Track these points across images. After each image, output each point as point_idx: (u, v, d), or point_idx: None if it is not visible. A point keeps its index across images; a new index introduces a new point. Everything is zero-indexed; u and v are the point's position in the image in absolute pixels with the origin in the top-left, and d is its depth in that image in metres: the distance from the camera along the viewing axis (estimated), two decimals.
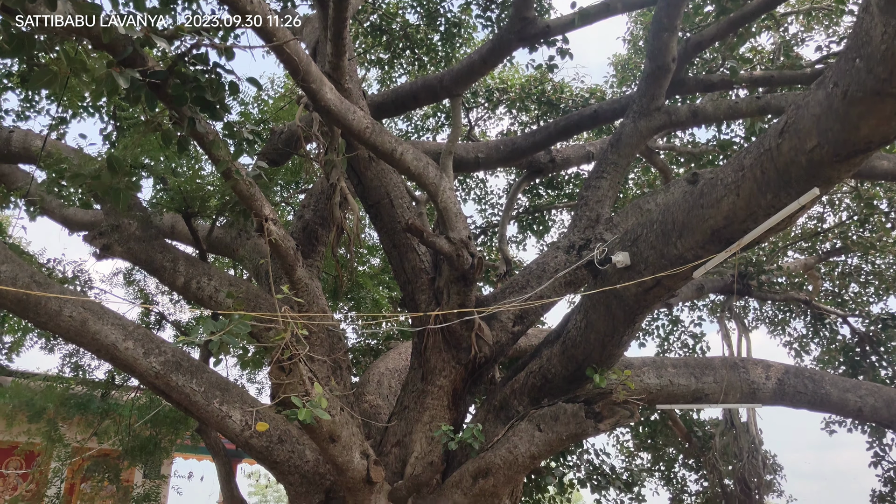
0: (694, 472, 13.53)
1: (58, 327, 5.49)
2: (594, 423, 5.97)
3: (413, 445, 7.20)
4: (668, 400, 7.50)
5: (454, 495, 6.41)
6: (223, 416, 6.09)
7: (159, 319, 9.60)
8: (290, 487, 6.74)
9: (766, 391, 7.55)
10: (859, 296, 13.02)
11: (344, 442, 5.62)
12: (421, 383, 7.41)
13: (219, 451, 7.96)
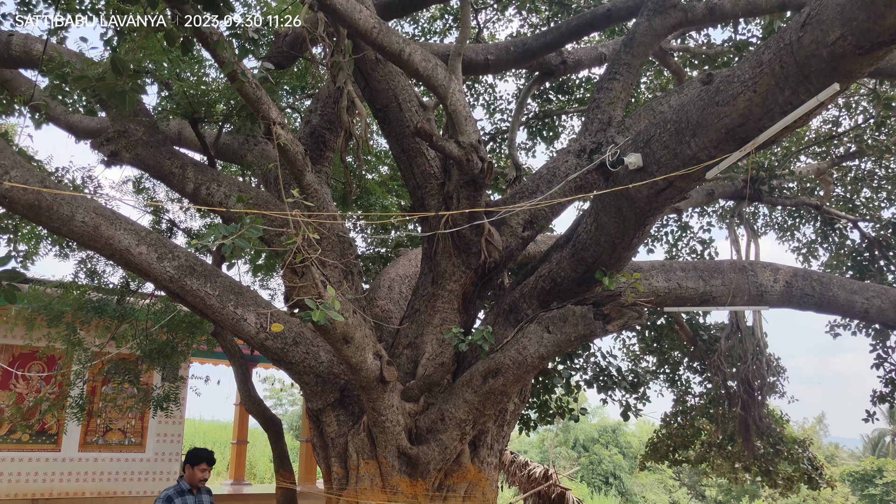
0: (698, 374, 13.81)
1: (71, 232, 5.53)
2: (602, 324, 6.05)
3: (424, 347, 7.35)
4: (676, 303, 7.58)
5: (465, 394, 6.59)
6: (238, 318, 6.21)
7: (170, 227, 9.66)
8: (305, 387, 6.94)
9: (774, 294, 7.61)
10: (871, 201, 12.92)
11: (357, 343, 5.74)
12: (431, 287, 7.50)
13: (235, 354, 8.17)
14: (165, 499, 5.04)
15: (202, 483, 5.23)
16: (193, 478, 5.14)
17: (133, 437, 13.01)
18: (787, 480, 13.67)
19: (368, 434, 6.68)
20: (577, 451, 43.77)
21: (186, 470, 5.17)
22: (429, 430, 6.75)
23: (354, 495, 6.62)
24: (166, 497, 5.05)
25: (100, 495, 12.49)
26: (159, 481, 13.17)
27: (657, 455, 14.77)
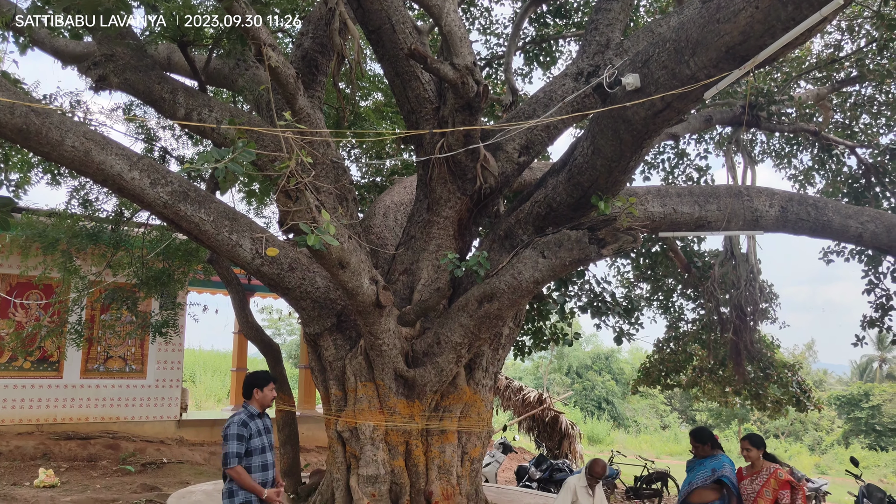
0: (691, 301, 13.95)
1: (61, 157, 5.46)
2: (597, 248, 6.07)
3: (420, 273, 7.39)
4: (671, 227, 7.59)
5: (460, 318, 6.65)
6: (233, 244, 6.20)
7: (163, 154, 9.55)
8: (302, 312, 7.00)
9: (769, 218, 7.62)
10: (869, 127, 12.80)
11: (353, 268, 5.75)
12: (427, 214, 7.48)
13: (231, 281, 8.19)
14: (241, 423, 4.94)
15: (271, 404, 5.22)
16: (266, 399, 5.07)
17: (133, 365, 13.20)
18: (776, 403, 13.96)
19: (366, 357, 6.77)
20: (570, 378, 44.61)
21: (255, 395, 5.07)
22: (425, 354, 6.85)
23: (353, 416, 6.76)
24: (241, 422, 4.95)
25: (102, 420, 12.76)
26: (161, 407, 13.45)
27: (649, 380, 15.04)
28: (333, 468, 7.03)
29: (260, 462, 4.99)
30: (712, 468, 5.95)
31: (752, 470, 5.80)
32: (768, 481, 5.61)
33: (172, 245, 9.44)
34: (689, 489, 6.04)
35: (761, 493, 5.60)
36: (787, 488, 5.53)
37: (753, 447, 5.79)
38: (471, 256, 6.38)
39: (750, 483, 5.75)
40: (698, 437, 6.22)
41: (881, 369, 50.23)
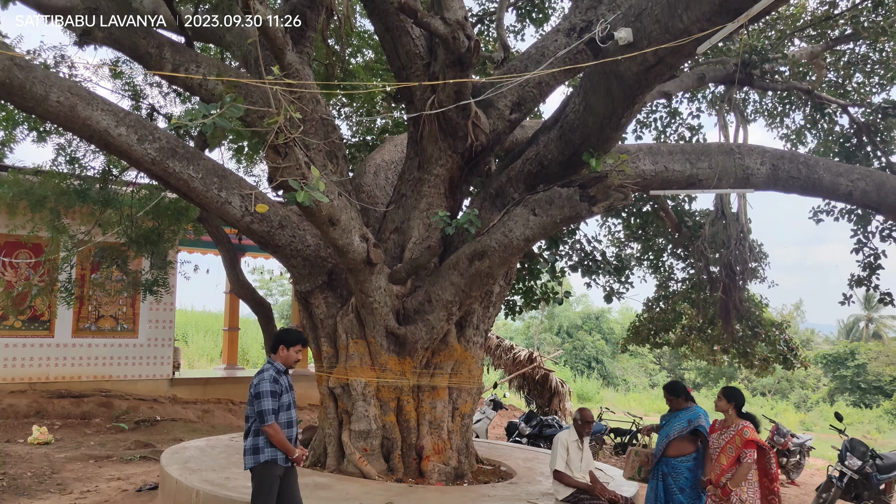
0: (681, 260, 14.01)
1: (46, 112, 5.39)
2: (588, 205, 6.06)
3: (411, 232, 7.38)
4: (663, 185, 7.59)
5: (451, 276, 6.67)
6: (223, 202, 6.17)
7: (150, 112, 9.43)
8: (292, 270, 7.00)
9: (760, 176, 7.62)
10: (862, 86, 12.74)
11: (343, 225, 5.74)
12: (417, 172, 7.45)
13: (222, 239, 8.16)
14: (272, 379, 4.91)
15: (296, 364, 5.20)
16: (290, 359, 5.02)
17: (125, 324, 13.22)
18: (763, 361, 14.11)
19: (357, 315, 6.80)
20: (561, 337, 44.99)
21: (281, 351, 5.03)
22: (416, 311, 6.88)
23: (344, 373, 6.80)
24: (272, 378, 4.92)
25: (95, 379, 12.82)
26: (153, 366, 13.51)
27: (639, 338, 15.16)
28: (325, 424, 7.10)
29: (286, 419, 4.97)
30: (688, 419, 5.96)
31: (724, 424, 5.64)
32: (733, 438, 5.41)
33: (162, 204, 9.38)
34: (667, 441, 6.03)
35: (724, 448, 5.44)
36: (751, 447, 5.30)
37: (724, 398, 5.60)
38: (462, 215, 6.38)
39: (718, 437, 5.60)
40: (672, 391, 6.22)
41: (867, 329, 50.86)
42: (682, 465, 5.92)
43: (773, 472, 5.43)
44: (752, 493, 5.33)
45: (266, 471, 4.82)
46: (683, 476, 5.89)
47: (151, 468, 8.90)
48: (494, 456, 8.24)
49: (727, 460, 5.40)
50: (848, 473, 8.75)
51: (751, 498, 5.31)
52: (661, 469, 6.00)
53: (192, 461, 6.84)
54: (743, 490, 5.31)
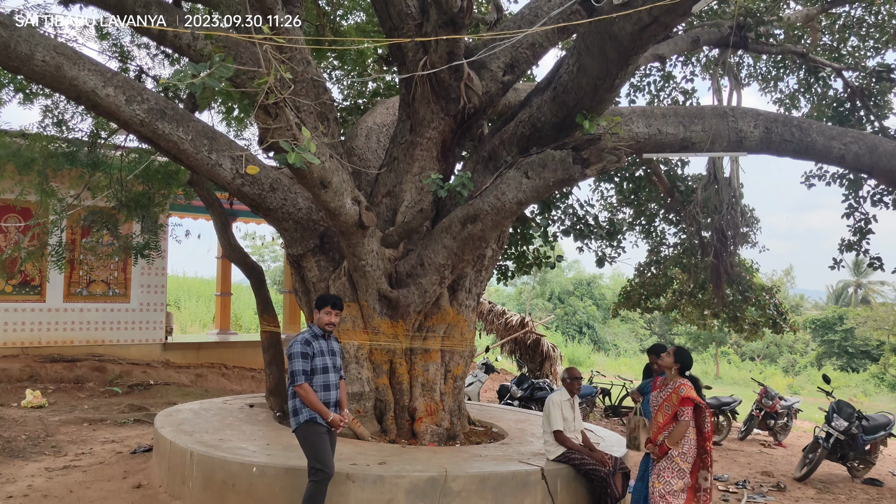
0: (673, 225, 14.04)
1: (32, 72, 5.30)
2: (581, 168, 6.04)
3: (403, 195, 7.35)
4: (656, 149, 7.56)
5: (444, 239, 6.66)
6: (213, 164, 6.11)
7: (139, 74, 9.29)
8: (284, 233, 6.97)
9: (753, 139, 7.60)
10: (857, 50, 12.66)
11: (335, 188, 5.70)
12: (409, 135, 7.39)
13: (213, 203, 8.10)
14: (304, 342, 4.97)
15: (329, 327, 5.18)
16: (321, 321, 5.10)
17: (117, 289, 13.18)
18: (753, 326, 14.22)
19: (349, 278, 6.80)
20: (552, 303, 45.24)
21: (314, 315, 5.15)
22: (408, 275, 6.88)
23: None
24: (304, 340, 4.98)
25: (88, 344, 12.82)
26: (145, 330, 13.52)
27: (630, 303, 15.24)
28: None
29: (322, 382, 5.02)
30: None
31: (664, 382, 5.53)
32: (670, 396, 5.31)
33: (151, 167, 9.30)
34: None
35: (661, 406, 5.36)
36: (688, 405, 5.22)
37: (672, 356, 5.44)
38: (454, 178, 6.35)
39: (657, 394, 5.50)
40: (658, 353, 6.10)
41: (856, 294, 51.30)
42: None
43: (707, 431, 5.33)
44: (686, 449, 5.26)
45: (308, 429, 4.94)
46: None
47: (145, 431, 8.96)
48: (486, 418, 8.32)
49: (664, 418, 5.34)
50: (834, 434, 8.89)
51: (683, 454, 5.25)
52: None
53: (185, 423, 6.88)
54: (678, 447, 5.26)
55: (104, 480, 6.46)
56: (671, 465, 5.25)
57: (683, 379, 5.39)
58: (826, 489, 8.44)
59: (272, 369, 8.12)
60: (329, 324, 5.17)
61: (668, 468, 5.25)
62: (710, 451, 5.35)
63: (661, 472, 5.28)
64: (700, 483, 5.35)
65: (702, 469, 5.36)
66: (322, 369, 5.04)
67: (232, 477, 5.47)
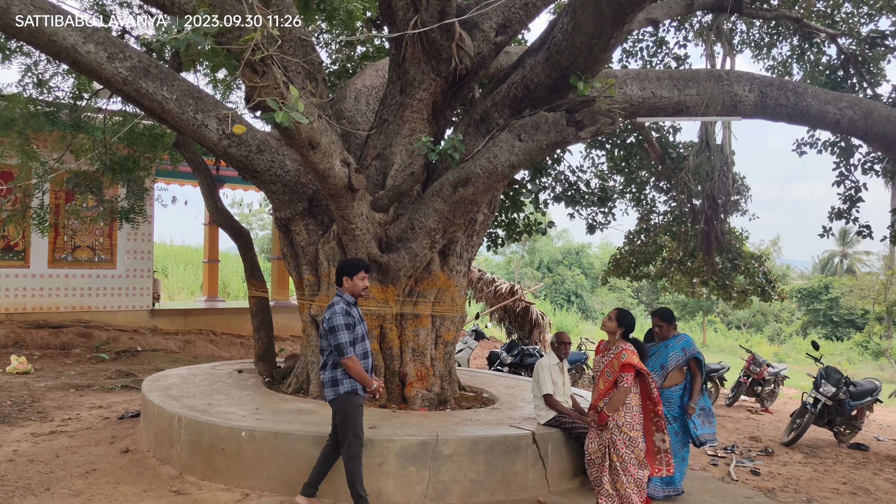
0: (664, 193, 13.99)
1: (7, 27, 5.11)
2: (575, 130, 5.94)
3: (393, 158, 7.23)
4: (650, 112, 7.46)
5: (434, 203, 6.56)
6: (199, 124, 5.96)
7: (122, 33, 9.04)
8: (272, 196, 6.85)
9: (748, 103, 7.51)
10: (851, 16, 12.55)
11: (324, 149, 5.57)
12: (400, 96, 7.25)
13: (199, 166, 7.94)
14: (344, 312, 4.73)
15: (365, 293, 5.05)
16: (356, 288, 4.90)
17: (102, 254, 13.01)
18: (741, 293, 14.27)
19: (338, 242, 6.70)
20: (541, 272, 45.35)
21: (346, 283, 4.93)
22: (399, 239, 6.79)
23: (326, 300, 6.74)
24: (344, 311, 4.78)
25: (74, 310, 12.69)
26: (132, 297, 13.38)
27: (619, 271, 15.23)
28: (308, 351, 7.07)
29: (361, 350, 4.94)
30: (682, 348, 5.92)
31: (606, 346, 5.33)
32: (611, 362, 5.13)
33: (136, 129, 9.11)
34: (665, 372, 5.90)
35: (603, 372, 5.19)
36: (628, 371, 5.03)
37: (615, 320, 5.23)
38: (445, 140, 6.23)
39: (599, 359, 5.32)
40: (664, 317, 6.08)
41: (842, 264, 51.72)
42: (675, 394, 5.91)
43: (655, 396, 5.23)
44: (629, 417, 5.09)
45: (348, 400, 4.88)
46: (677, 405, 5.89)
47: (133, 397, 8.91)
48: (477, 383, 8.30)
49: (604, 384, 5.17)
50: (822, 400, 8.94)
51: (629, 423, 5.08)
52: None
53: (173, 388, 6.82)
54: (620, 415, 5.08)
55: (91, 445, 6.40)
56: (620, 436, 5.08)
57: (626, 343, 5.22)
58: (813, 454, 8.52)
59: (261, 334, 8.05)
60: (365, 289, 5.06)
61: (620, 440, 5.08)
62: (661, 414, 5.29)
63: (614, 445, 5.08)
64: (658, 445, 5.31)
65: (657, 432, 5.31)
66: (361, 337, 4.98)
67: (220, 441, 5.42)
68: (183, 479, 5.46)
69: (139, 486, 5.30)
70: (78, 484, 5.29)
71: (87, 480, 5.38)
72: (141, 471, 5.67)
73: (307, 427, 5.46)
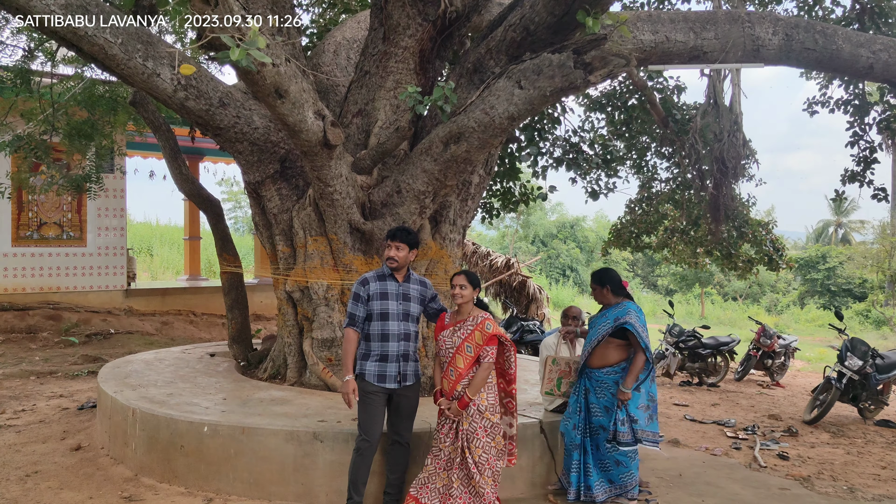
0: (666, 160, 13.26)
1: None
2: (584, 73, 5.15)
3: (376, 114, 6.44)
4: (663, 59, 6.67)
5: (423, 163, 5.78)
6: (150, 73, 5.15)
7: None
8: (239, 157, 6.05)
9: (772, 48, 6.73)
10: None
11: (294, 98, 4.78)
12: (383, 44, 6.44)
13: (160, 126, 7.08)
14: (360, 281, 4.29)
15: (391, 263, 4.32)
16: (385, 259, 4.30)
17: (71, 231, 12.16)
18: (747, 263, 13.59)
19: (315, 208, 5.91)
20: (536, 246, 44.69)
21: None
22: (384, 204, 6.01)
23: (303, 275, 5.98)
24: (362, 280, 4.30)
25: (42, 291, 11.85)
26: (105, 276, 12.54)
27: (620, 241, 14.57)
28: (284, 332, 6.32)
29: (379, 330, 4.27)
30: (614, 317, 4.84)
31: (457, 318, 4.36)
32: (472, 334, 4.24)
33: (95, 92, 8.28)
34: (590, 347, 4.91)
35: (461, 347, 4.25)
36: (493, 343, 4.25)
37: (469, 285, 4.34)
38: (435, 89, 5.41)
39: (451, 335, 4.33)
40: (599, 279, 5.00)
41: (836, 233, 51.26)
42: (608, 377, 4.86)
43: (511, 372, 4.44)
44: (492, 398, 4.33)
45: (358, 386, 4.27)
46: (609, 392, 4.84)
47: None
48: None
49: (465, 362, 4.24)
50: (847, 374, 8.27)
51: (492, 405, 4.30)
52: (584, 383, 4.98)
53: (133, 376, 6.07)
54: (482, 397, 4.27)
55: (38, 442, 5.67)
56: (482, 422, 4.25)
57: (482, 311, 4.41)
58: (840, 432, 7.85)
59: (234, 314, 7.29)
60: (389, 259, 4.35)
61: (481, 427, 4.24)
62: (513, 395, 4.53)
63: (473, 435, 4.23)
64: (504, 430, 4.48)
65: (504, 415, 4.52)
66: (379, 315, 4.28)
67: (179, 437, 4.69)
68: (138, 482, 4.74)
69: (85, 492, 4.57)
70: (13, 490, 4.56)
71: (24, 486, 4.65)
72: (90, 472, 4.95)
73: (280, 420, 4.73)
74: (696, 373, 11.68)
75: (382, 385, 4.26)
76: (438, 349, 4.43)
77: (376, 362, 4.28)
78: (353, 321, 4.29)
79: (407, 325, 4.36)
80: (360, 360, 4.30)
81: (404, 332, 4.34)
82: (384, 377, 4.27)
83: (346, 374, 4.21)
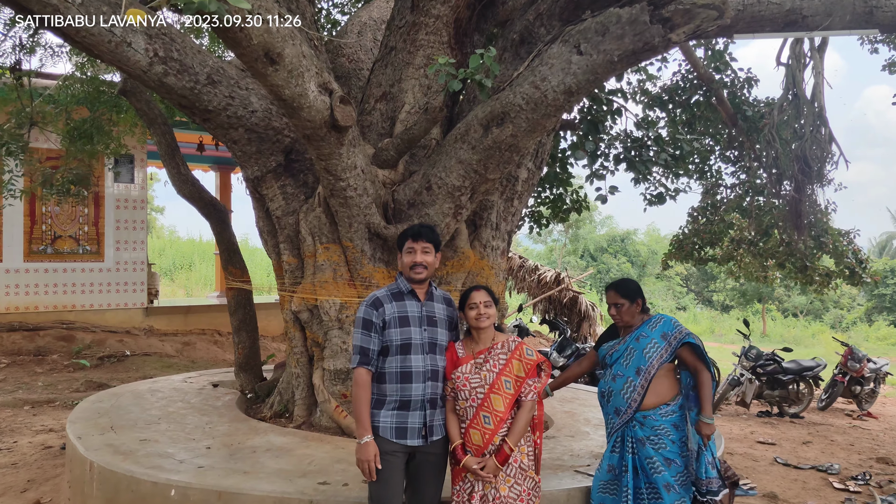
0: (731, 164, 11.98)
1: None
2: (662, 30, 3.99)
3: (403, 97, 5.36)
4: (752, 25, 5.46)
5: (459, 152, 4.66)
6: (118, 42, 4.15)
7: None
8: (234, 147, 5.00)
9: (889, 9, 5.47)
10: None
11: (289, 64, 3.71)
12: (411, 14, 5.38)
13: (154, 119, 6.03)
14: (371, 303, 3.15)
15: (418, 273, 3.18)
16: (403, 267, 3.05)
17: (88, 245, 11.38)
18: (825, 276, 12.11)
19: (326, 209, 4.83)
20: (585, 261, 43.20)
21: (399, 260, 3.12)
22: (411, 204, 4.91)
23: (312, 291, 4.89)
24: (371, 301, 3.15)
25: (56, 309, 11.07)
26: (124, 293, 11.70)
27: (682, 253, 13.29)
28: (292, 361, 5.23)
29: (398, 368, 3.12)
30: (661, 334, 3.64)
31: (477, 347, 3.25)
32: (508, 364, 3.17)
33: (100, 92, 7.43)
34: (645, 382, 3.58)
35: (496, 385, 3.14)
36: (535, 375, 3.21)
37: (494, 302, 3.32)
38: (471, 58, 4.29)
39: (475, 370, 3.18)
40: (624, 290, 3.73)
41: None
42: (665, 420, 3.59)
43: (537, 417, 3.31)
44: (530, 450, 3.25)
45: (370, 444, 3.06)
46: (669, 438, 3.58)
47: None
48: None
49: (504, 403, 3.14)
50: None
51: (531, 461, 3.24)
52: (633, 433, 3.62)
53: (111, 413, 5.06)
54: (523, 451, 3.20)
55: None
56: (525, 483, 3.16)
57: (507, 334, 3.34)
58: None
59: (241, 337, 6.28)
60: (415, 266, 3.20)
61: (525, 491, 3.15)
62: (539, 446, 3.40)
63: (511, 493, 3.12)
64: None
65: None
66: (400, 347, 3.13)
67: (141, 501, 3.62)
68: None
69: None
70: None
71: None
72: None
73: (270, 480, 3.63)
74: (776, 402, 10.27)
75: (402, 442, 3.09)
76: (456, 392, 3.21)
77: (394, 411, 3.11)
78: (366, 358, 3.10)
79: (434, 360, 3.19)
80: (373, 409, 3.12)
81: (431, 368, 3.17)
82: (404, 431, 3.10)
83: (363, 434, 3.02)
